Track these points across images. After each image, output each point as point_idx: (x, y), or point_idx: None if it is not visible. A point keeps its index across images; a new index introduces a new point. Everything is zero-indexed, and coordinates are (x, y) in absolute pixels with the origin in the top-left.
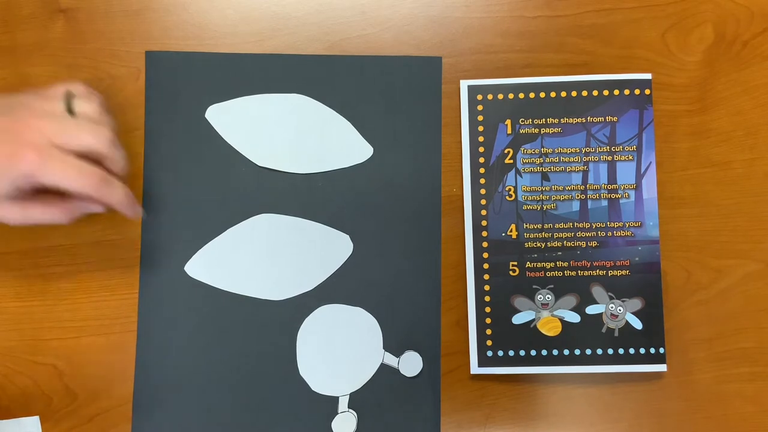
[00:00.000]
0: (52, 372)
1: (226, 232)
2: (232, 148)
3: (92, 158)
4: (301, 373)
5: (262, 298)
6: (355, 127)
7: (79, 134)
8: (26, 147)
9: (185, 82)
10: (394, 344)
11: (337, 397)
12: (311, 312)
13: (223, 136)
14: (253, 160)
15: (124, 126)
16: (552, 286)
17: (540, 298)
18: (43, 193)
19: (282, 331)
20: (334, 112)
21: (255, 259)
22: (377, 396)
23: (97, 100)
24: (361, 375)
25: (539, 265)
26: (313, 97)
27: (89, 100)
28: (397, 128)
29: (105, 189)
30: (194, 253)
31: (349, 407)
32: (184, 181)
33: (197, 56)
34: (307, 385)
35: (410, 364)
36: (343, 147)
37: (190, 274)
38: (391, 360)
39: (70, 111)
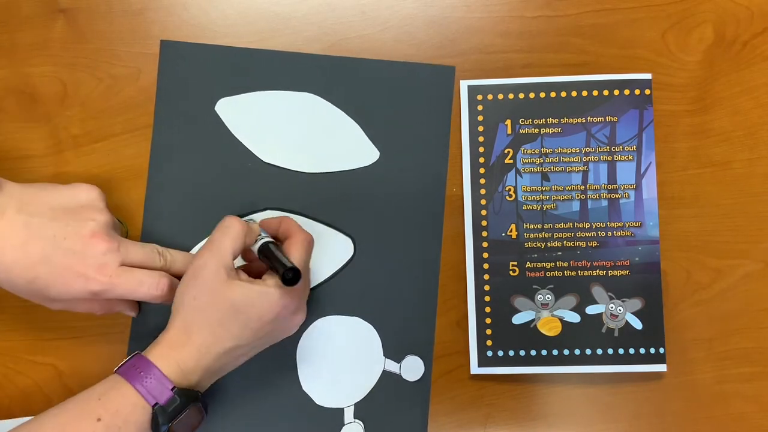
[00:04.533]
0: (52, 372)
1: None
2: (239, 142)
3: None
4: (304, 388)
5: None
6: (363, 130)
7: (143, 259)
8: (96, 269)
9: (197, 74)
10: (394, 350)
11: (342, 409)
12: (309, 315)
13: (231, 130)
14: (259, 156)
15: (125, 126)
16: (552, 286)
17: (540, 298)
18: None
19: (282, 342)
20: (344, 114)
21: None
22: (382, 403)
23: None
24: (364, 384)
25: (539, 265)
26: (323, 97)
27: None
28: (405, 134)
29: (169, 295)
30: (195, 247)
31: (354, 417)
32: (188, 172)
33: (211, 48)
34: (311, 400)
35: (412, 368)
36: (349, 149)
37: None
38: (392, 366)
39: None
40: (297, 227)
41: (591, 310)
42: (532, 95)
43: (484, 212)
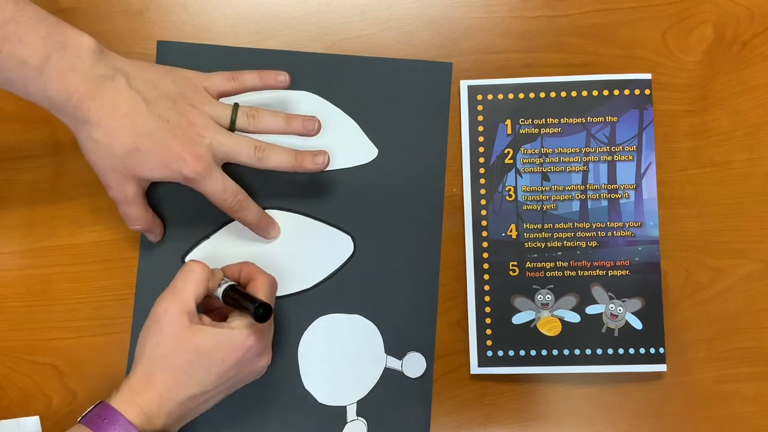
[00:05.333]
0: (52, 372)
1: (226, 227)
2: None
3: None
4: (306, 386)
5: None
6: (361, 127)
7: (236, 156)
8: (194, 157)
9: None
10: (395, 347)
11: (345, 407)
12: (310, 314)
13: None
14: None
15: None
16: (552, 286)
17: (540, 298)
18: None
19: (283, 341)
20: (342, 112)
21: (255, 254)
22: (384, 400)
23: (260, 118)
24: (366, 382)
25: (539, 265)
26: (321, 96)
27: (253, 117)
28: (403, 131)
29: (243, 210)
30: (194, 248)
31: (357, 415)
32: None
33: (208, 48)
34: (314, 398)
35: (414, 364)
36: (348, 147)
37: None
38: (394, 363)
39: (233, 123)
40: (258, 270)
41: (591, 310)
42: (532, 95)
43: (484, 212)
